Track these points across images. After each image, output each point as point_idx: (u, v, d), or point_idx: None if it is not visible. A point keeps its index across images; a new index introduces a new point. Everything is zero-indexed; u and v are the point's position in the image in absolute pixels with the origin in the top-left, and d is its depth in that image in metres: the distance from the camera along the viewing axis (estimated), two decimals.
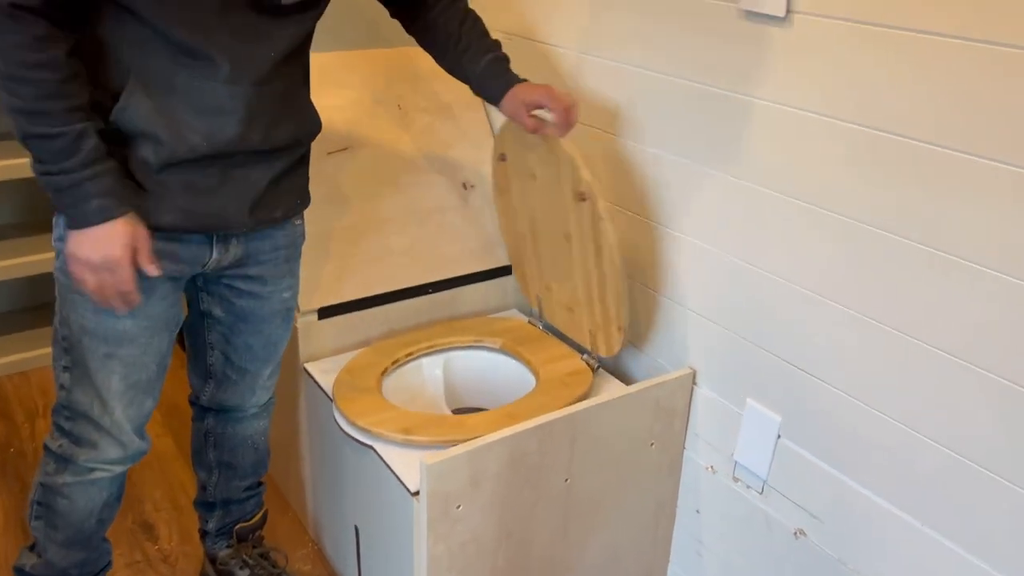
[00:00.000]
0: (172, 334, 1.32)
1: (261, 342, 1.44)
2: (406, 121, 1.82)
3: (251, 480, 1.62)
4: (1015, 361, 1.02)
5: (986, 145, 1.00)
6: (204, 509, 1.64)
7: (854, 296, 1.20)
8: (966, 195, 1.03)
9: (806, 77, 1.19)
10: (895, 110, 1.09)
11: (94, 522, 1.40)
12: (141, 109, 1.13)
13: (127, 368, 1.26)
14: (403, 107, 1.83)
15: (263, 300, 1.39)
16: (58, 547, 1.40)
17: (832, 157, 1.18)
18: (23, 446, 2.09)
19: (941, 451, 1.13)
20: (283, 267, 1.39)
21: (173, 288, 1.28)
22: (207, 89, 1.15)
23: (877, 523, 1.23)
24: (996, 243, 1.02)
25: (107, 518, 1.42)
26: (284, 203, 1.33)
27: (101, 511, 1.40)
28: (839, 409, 1.25)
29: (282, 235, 1.37)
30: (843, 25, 1.12)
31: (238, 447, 1.57)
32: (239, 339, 1.43)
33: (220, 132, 1.17)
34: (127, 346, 1.25)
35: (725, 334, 1.42)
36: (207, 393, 1.51)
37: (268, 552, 1.67)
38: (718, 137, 1.35)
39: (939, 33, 1.02)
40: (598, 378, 1.61)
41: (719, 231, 1.39)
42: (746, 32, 1.26)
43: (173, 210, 1.20)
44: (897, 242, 1.12)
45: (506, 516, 1.36)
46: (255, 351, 1.45)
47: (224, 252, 1.30)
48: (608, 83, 1.55)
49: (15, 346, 2.41)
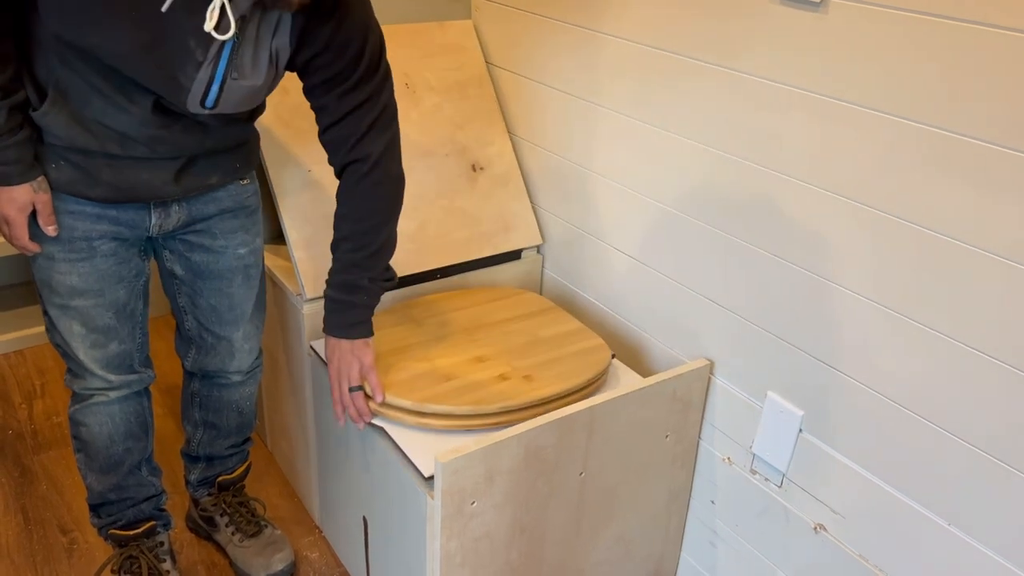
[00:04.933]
0: (130, 287, 1.38)
1: (225, 303, 1.47)
2: (414, 99, 1.76)
3: (235, 439, 1.67)
4: None
5: (1021, 138, 0.96)
6: (188, 460, 1.70)
7: (882, 290, 1.16)
8: (1001, 189, 1.00)
9: (840, 65, 1.14)
10: (929, 100, 1.04)
11: (120, 450, 1.48)
12: (60, 117, 1.20)
13: (83, 316, 1.35)
14: (410, 85, 1.77)
15: (216, 254, 1.43)
16: (95, 474, 1.50)
17: (862, 147, 1.14)
18: (21, 428, 2.05)
19: (970, 449, 1.10)
20: (232, 224, 1.42)
21: (120, 247, 1.34)
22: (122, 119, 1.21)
23: (901, 521, 1.21)
24: None
25: (134, 448, 1.50)
26: (220, 170, 1.36)
27: (124, 440, 1.48)
28: (864, 405, 1.23)
29: (226, 196, 1.40)
30: (879, 11, 1.08)
31: (223, 410, 1.61)
32: (202, 300, 1.46)
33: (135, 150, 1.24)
34: (77, 298, 1.33)
35: (747, 326, 1.38)
36: (190, 358, 1.56)
37: (247, 500, 1.73)
38: (742, 123, 1.30)
39: (977, 22, 0.98)
40: (612, 368, 1.57)
41: (735, 218, 1.35)
42: (781, 16, 1.21)
43: (100, 184, 1.26)
44: (927, 235, 1.09)
45: (520, 511, 1.34)
46: (220, 313, 1.48)
47: (165, 217, 1.35)
48: (632, 66, 1.50)
49: (10, 324, 2.36)
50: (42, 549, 1.72)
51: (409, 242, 1.67)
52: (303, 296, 1.57)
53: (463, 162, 1.78)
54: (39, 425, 2.06)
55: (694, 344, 1.50)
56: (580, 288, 1.77)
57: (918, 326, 1.13)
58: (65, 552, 1.71)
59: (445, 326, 1.59)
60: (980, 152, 1.01)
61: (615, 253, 1.64)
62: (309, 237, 1.59)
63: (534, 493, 1.34)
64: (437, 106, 1.78)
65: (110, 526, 1.55)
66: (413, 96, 1.76)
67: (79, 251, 1.30)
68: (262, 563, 1.64)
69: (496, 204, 1.79)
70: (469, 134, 1.80)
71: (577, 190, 1.71)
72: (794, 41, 1.20)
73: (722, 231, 1.39)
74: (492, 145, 1.81)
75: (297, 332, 1.63)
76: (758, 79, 1.26)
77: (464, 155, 1.78)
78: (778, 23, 1.21)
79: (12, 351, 2.34)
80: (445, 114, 1.79)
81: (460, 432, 1.37)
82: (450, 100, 1.80)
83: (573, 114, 1.66)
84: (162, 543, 1.60)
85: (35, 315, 2.39)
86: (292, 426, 1.81)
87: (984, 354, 1.06)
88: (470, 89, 1.83)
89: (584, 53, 1.60)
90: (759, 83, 1.26)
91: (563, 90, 1.67)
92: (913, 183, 1.09)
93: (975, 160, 1.02)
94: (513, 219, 1.81)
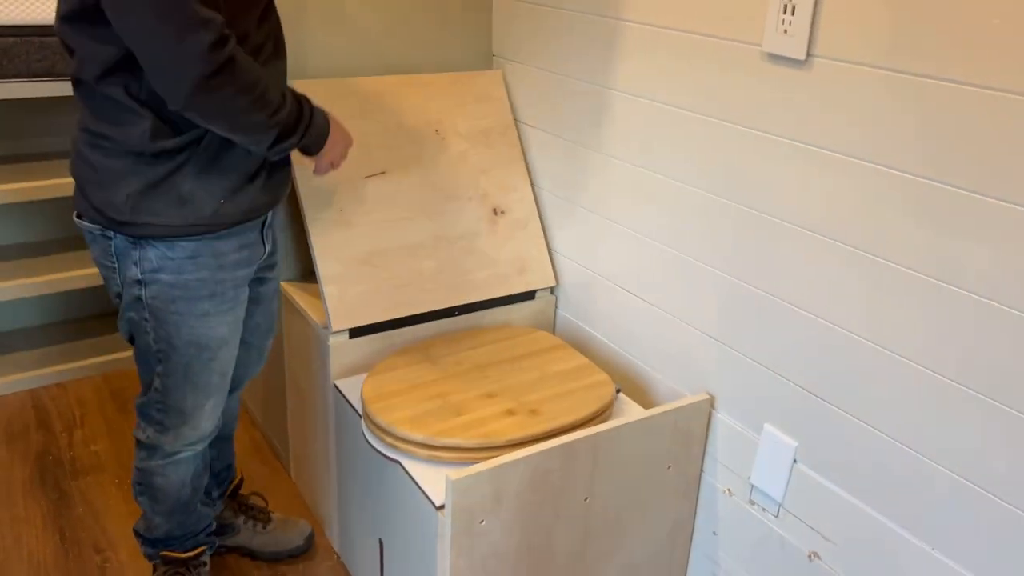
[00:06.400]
0: None
1: (268, 319, 1.63)
2: (442, 146, 1.89)
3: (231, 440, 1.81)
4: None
5: (992, 184, 1.05)
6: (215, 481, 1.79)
7: (869, 326, 1.24)
8: (973, 231, 1.08)
9: (823, 117, 1.24)
10: (905, 149, 1.14)
11: (189, 491, 1.59)
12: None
13: (223, 366, 1.46)
14: (440, 132, 1.90)
15: (273, 282, 1.60)
16: (163, 516, 1.60)
17: (848, 193, 1.23)
18: (60, 454, 2.16)
19: (954, 479, 1.17)
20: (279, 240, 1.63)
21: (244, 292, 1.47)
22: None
23: (889, 548, 1.27)
24: (1002, 277, 1.06)
25: (199, 486, 1.62)
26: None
27: (193, 480, 1.58)
28: (854, 435, 1.30)
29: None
30: (860, 69, 1.18)
31: (232, 415, 1.76)
32: (251, 320, 1.57)
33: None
34: (223, 348, 1.44)
35: (744, 361, 1.46)
36: None
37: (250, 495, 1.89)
38: (738, 171, 1.40)
39: (948, 79, 1.07)
40: (617, 402, 1.65)
41: (734, 260, 1.44)
42: (769, 72, 1.31)
43: (264, 191, 1.39)
44: (909, 275, 1.17)
45: (527, 532, 1.41)
46: (262, 328, 1.63)
47: (270, 242, 1.50)
48: (634, 117, 1.61)
49: (53, 359, 2.50)
50: (77, 567, 1.81)
51: (430, 281, 1.78)
52: (329, 328, 1.68)
53: (485, 206, 1.89)
54: (77, 452, 2.18)
55: (697, 380, 1.58)
56: (590, 327, 1.86)
57: (904, 360, 1.20)
58: (98, 570, 1.81)
59: (459, 364, 1.69)
60: (955, 196, 1.10)
61: (623, 294, 1.73)
62: (339, 274, 1.70)
63: (541, 516, 1.41)
64: (463, 153, 1.90)
65: (163, 550, 1.64)
66: (443, 142, 1.88)
67: (228, 301, 1.41)
68: (293, 534, 1.84)
69: (514, 247, 1.90)
70: (492, 179, 1.92)
71: (590, 235, 1.81)
72: (782, 95, 1.30)
73: (723, 272, 1.48)
74: (514, 191, 1.92)
75: (323, 365, 1.73)
76: (752, 131, 1.36)
77: (487, 199, 1.89)
78: (767, 78, 1.32)
79: (54, 383, 2.47)
80: (471, 160, 1.91)
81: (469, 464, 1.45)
82: (476, 147, 1.92)
83: (587, 163, 1.77)
84: (205, 563, 1.70)
85: (74, 351, 2.53)
86: (315, 457, 1.90)
87: (958, 384, 1.13)
88: (495, 136, 1.95)
89: (595, 107, 1.71)
90: (753, 134, 1.36)
91: (577, 141, 1.79)
92: (893, 226, 1.18)
93: (951, 204, 1.11)
94: (530, 262, 1.91)
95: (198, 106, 1.16)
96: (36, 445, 2.20)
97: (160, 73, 1.15)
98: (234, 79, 1.16)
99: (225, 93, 1.16)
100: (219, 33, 1.12)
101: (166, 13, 1.09)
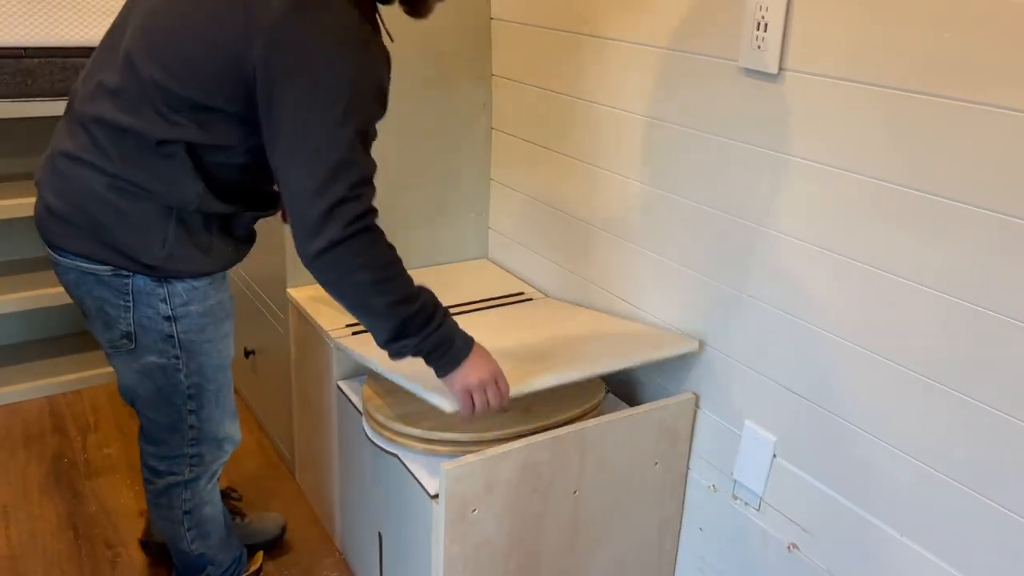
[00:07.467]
0: None
1: None
2: None
3: None
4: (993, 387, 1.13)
5: (959, 190, 1.12)
6: None
7: (842, 325, 1.31)
8: (931, 231, 1.15)
9: (793, 126, 1.32)
10: (871, 156, 1.22)
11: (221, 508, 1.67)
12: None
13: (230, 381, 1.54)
14: None
15: None
16: (219, 550, 1.67)
17: (822, 200, 1.31)
18: (75, 457, 2.25)
19: (923, 469, 1.23)
20: None
21: None
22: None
23: (863, 536, 1.33)
24: (976, 280, 1.13)
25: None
26: None
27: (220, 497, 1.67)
28: (829, 429, 1.36)
29: None
30: (825, 81, 1.26)
31: None
32: None
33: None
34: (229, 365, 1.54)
35: (724, 359, 1.53)
36: None
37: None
38: (732, 183, 1.48)
39: (908, 90, 1.15)
40: (608, 402, 1.72)
41: (715, 263, 1.51)
42: (745, 85, 1.40)
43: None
44: (879, 275, 1.24)
45: (518, 523, 1.48)
46: None
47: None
48: (622, 132, 1.70)
49: (70, 367, 2.59)
50: (89, 562, 1.89)
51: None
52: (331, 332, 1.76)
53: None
54: (91, 455, 2.26)
55: (683, 379, 1.65)
56: None
57: (877, 358, 1.27)
58: (109, 565, 1.88)
59: None
60: (921, 201, 1.17)
61: (616, 301, 1.81)
62: None
63: (531, 507, 1.48)
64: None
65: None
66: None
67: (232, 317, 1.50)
68: (270, 522, 1.94)
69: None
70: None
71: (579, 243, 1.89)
72: (757, 107, 1.38)
73: (705, 275, 1.55)
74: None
75: (325, 367, 1.81)
76: (735, 142, 1.44)
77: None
78: (743, 91, 1.40)
79: (70, 391, 2.56)
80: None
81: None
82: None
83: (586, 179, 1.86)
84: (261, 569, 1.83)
85: (90, 359, 2.62)
86: (319, 456, 1.97)
87: (925, 378, 1.20)
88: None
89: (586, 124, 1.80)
90: (736, 145, 1.44)
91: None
92: (862, 228, 1.25)
93: (912, 207, 1.18)
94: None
95: (320, 267, 1.19)
96: (52, 448, 2.28)
97: (301, 223, 1.18)
98: (366, 251, 1.19)
99: (352, 263, 1.18)
100: (369, 205, 1.18)
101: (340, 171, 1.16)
